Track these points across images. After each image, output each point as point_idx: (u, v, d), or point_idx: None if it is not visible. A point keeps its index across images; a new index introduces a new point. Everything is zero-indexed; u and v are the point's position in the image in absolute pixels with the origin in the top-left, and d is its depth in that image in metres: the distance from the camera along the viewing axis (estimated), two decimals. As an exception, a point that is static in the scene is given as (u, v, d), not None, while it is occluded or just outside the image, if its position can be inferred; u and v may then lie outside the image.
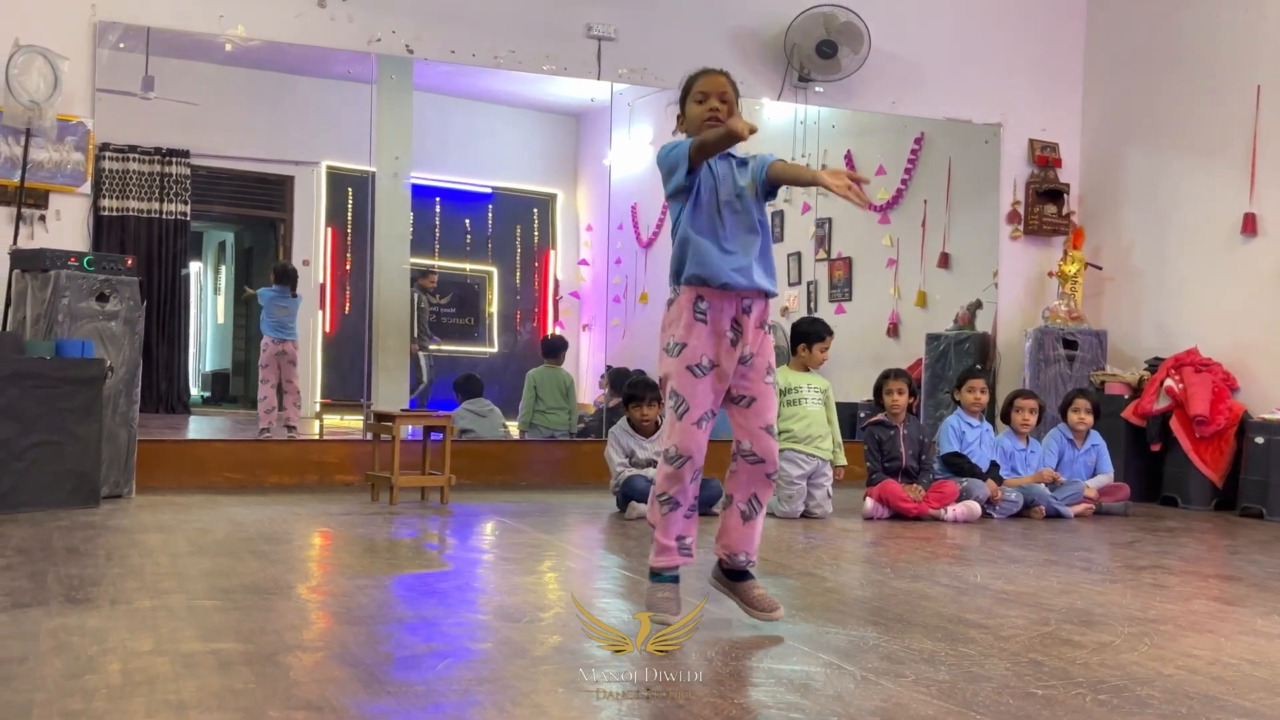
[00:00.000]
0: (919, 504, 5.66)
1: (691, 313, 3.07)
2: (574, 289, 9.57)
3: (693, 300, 3.07)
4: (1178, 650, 3.03)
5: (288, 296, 7.65)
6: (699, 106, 3.18)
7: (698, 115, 3.18)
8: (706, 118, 3.15)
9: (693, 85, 3.23)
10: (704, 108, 3.17)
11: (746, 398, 3.12)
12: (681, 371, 3.06)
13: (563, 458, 7.30)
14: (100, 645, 2.73)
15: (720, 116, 3.14)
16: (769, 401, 3.14)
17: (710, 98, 3.17)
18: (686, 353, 3.06)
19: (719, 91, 3.18)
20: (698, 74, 3.25)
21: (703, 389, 3.05)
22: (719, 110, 3.15)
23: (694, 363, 3.05)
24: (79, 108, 5.99)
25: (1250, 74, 6.97)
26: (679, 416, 3.05)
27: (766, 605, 3.15)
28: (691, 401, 3.04)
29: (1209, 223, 7.23)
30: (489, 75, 7.27)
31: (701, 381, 3.05)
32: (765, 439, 3.11)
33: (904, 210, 8.51)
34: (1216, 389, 6.68)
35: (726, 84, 3.21)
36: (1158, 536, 5.46)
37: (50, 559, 3.88)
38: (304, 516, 5.22)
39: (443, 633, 3.02)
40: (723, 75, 3.23)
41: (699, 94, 3.19)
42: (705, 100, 3.18)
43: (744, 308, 3.09)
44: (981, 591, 3.82)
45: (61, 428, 5.06)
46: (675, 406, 3.06)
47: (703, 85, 3.20)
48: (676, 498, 3.08)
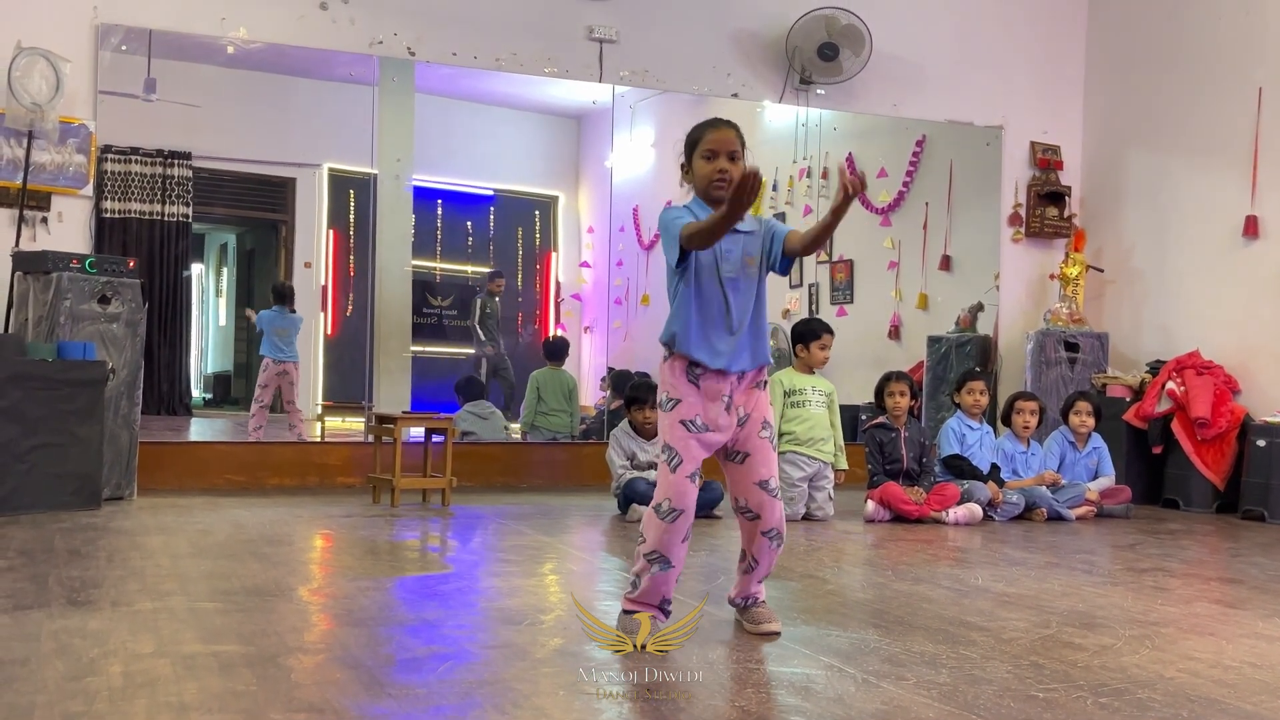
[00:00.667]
0: (920, 506, 5.66)
1: (685, 378, 3.00)
2: (576, 291, 9.58)
3: (686, 366, 3.01)
4: (1179, 653, 3.03)
5: (286, 315, 7.68)
6: (707, 165, 3.02)
7: (706, 175, 3.02)
8: (715, 179, 3.00)
9: (700, 138, 3.05)
10: (712, 167, 3.01)
11: (741, 453, 3.05)
12: (675, 425, 2.99)
13: (564, 460, 7.30)
14: (102, 647, 2.73)
15: (729, 178, 2.96)
16: (763, 456, 3.05)
17: (719, 157, 3.01)
18: (680, 409, 2.99)
19: (728, 149, 3.01)
20: (705, 126, 3.07)
21: (695, 445, 2.98)
22: (728, 171, 2.98)
23: (687, 418, 2.99)
24: (81, 110, 5.99)
25: (1251, 76, 6.97)
26: (672, 469, 2.97)
27: (760, 619, 3.11)
28: (684, 455, 2.97)
29: (1210, 225, 7.23)
30: (490, 77, 7.28)
31: (694, 437, 2.98)
32: (760, 495, 3.04)
33: (905, 212, 8.51)
34: (1218, 391, 6.68)
35: (735, 139, 3.03)
36: (1159, 539, 5.46)
37: (52, 561, 3.88)
38: (305, 518, 5.22)
39: (444, 635, 3.02)
40: (732, 129, 3.05)
41: (706, 150, 3.02)
42: (714, 159, 3.01)
43: (737, 378, 3.03)
44: (983, 594, 3.82)
45: (63, 430, 5.07)
46: (669, 459, 2.98)
47: (711, 141, 3.03)
48: (669, 557, 2.98)
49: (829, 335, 5.88)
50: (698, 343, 2.99)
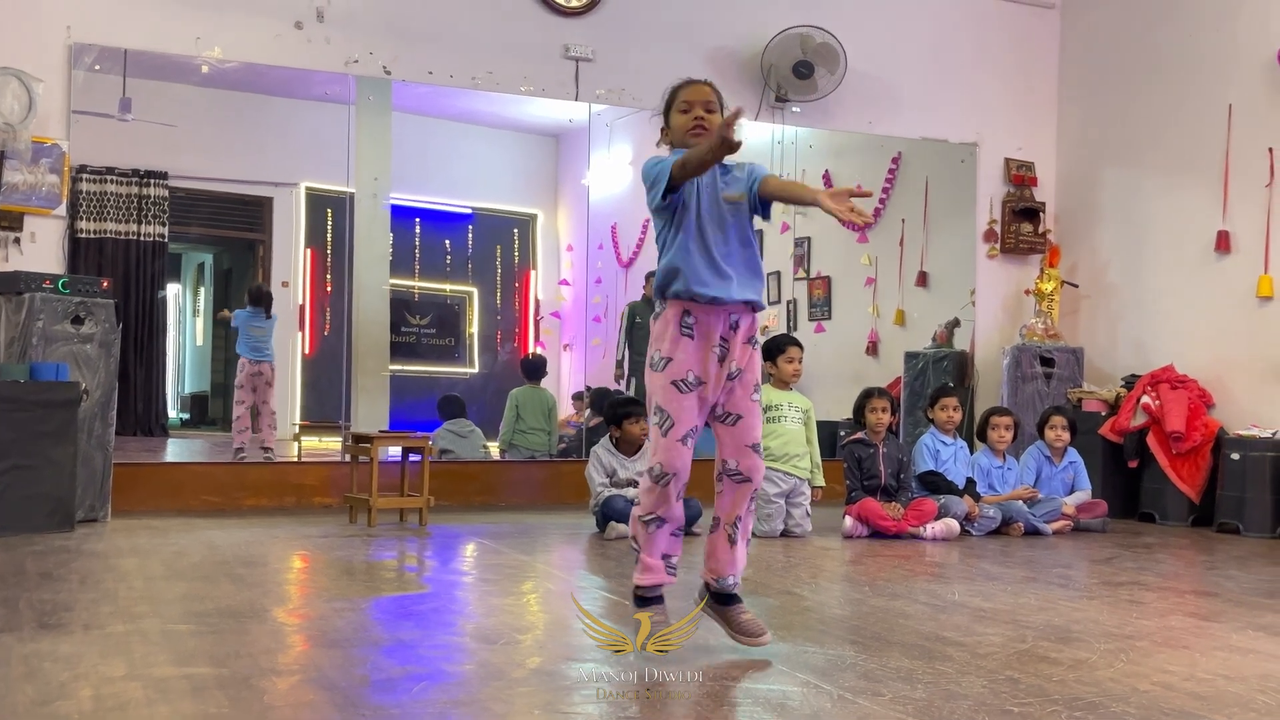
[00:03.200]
0: (898, 522, 5.67)
1: (678, 327, 3.01)
2: (555, 309, 9.58)
3: (679, 315, 3.02)
4: (1153, 666, 3.04)
5: (262, 318, 7.72)
6: (683, 116, 3.12)
7: (682, 125, 3.12)
8: (691, 128, 3.09)
9: (676, 95, 3.16)
10: (688, 118, 3.11)
11: (733, 415, 3.07)
12: (667, 387, 3.00)
13: (543, 478, 7.28)
14: (72, 671, 2.70)
15: (706, 126, 3.08)
16: (755, 419, 3.08)
17: (695, 107, 3.11)
18: (672, 368, 3.01)
19: (704, 100, 3.11)
20: (681, 84, 3.18)
21: (688, 405, 3.00)
22: (704, 120, 3.09)
23: (679, 378, 3.00)
24: (54, 130, 5.97)
25: (1222, 93, 7.04)
26: (664, 433, 2.99)
27: (753, 630, 3.09)
28: (677, 418, 2.99)
29: (1183, 240, 7.29)
30: (468, 96, 7.29)
31: (687, 397, 3.00)
32: (752, 457, 3.07)
33: (882, 229, 8.56)
34: (1192, 405, 6.73)
35: (711, 93, 3.14)
36: (1135, 553, 5.48)
37: (23, 584, 3.84)
38: (281, 539, 5.19)
39: (420, 655, 3.01)
40: (707, 85, 3.15)
41: (683, 104, 3.12)
42: (690, 110, 3.11)
43: (731, 323, 3.04)
44: (959, 609, 3.82)
45: (36, 452, 5.03)
46: (660, 423, 3.00)
47: (687, 95, 3.14)
48: (663, 515, 3.03)
49: (796, 349, 5.88)
50: (688, 275, 3.00)
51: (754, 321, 3.10)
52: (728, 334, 3.03)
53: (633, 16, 7.20)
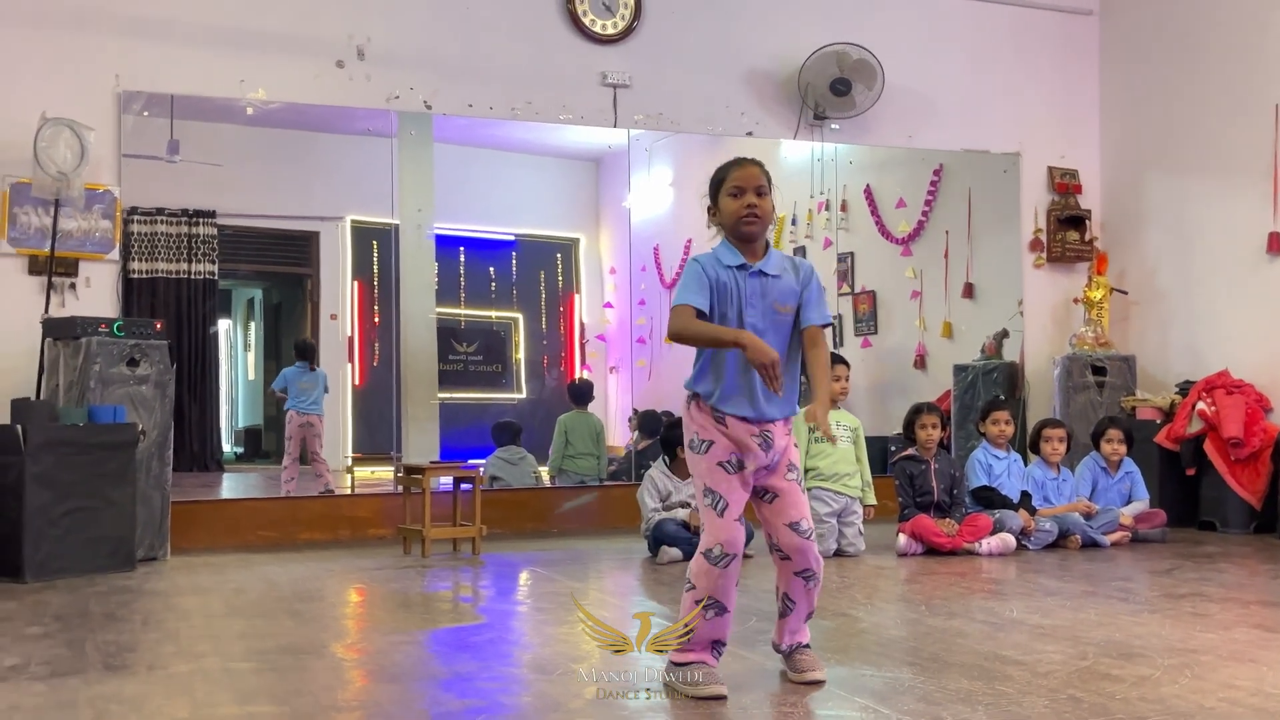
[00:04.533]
0: (953, 539, 5.62)
1: (712, 419, 2.98)
2: (600, 332, 9.61)
3: (711, 411, 2.99)
4: (1219, 681, 2.99)
5: (308, 371, 7.86)
6: (734, 202, 3.01)
7: (734, 212, 3.01)
8: (744, 215, 2.99)
9: (725, 177, 3.05)
10: (740, 204, 3.00)
11: (770, 493, 3.01)
12: (714, 469, 2.95)
13: (593, 503, 7.29)
14: (138, 713, 2.74)
15: (759, 214, 3.00)
16: (793, 499, 3.00)
17: (747, 192, 3.00)
18: (715, 450, 2.96)
19: (755, 185, 3.01)
20: (729, 166, 3.07)
21: (736, 484, 2.95)
22: (756, 207, 2.99)
23: (724, 459, 2.95)
24: (106, 176, 6.09)
25: (1268, 92, 6.95)
26: (719, 514, 2.91)
27: (802, 667, 3.03)
28: (729, 498, 2.92)
29: (1234, 243, 7.18)
30: (508, 125, 7.34)
31: (734, 478, 2.95)
32: (791, 536, 2.98)
33: (926, 242, 8.51)
34: (1250, 410, 6.62)
35: (761, 175, 3.04)
36: (1196, 563, 5.40)
37: (88, 625, 3.91)
38: (337, 573, 5.24)
39: (477, 688, 3.02)
40: (757, 166, 3.06)
41: (733, 187, 3.01)
42: (741, 195, 3.00)
43: (767, 434, 2.98)
44: (1018, 627, 3.78)
45: (96, 493, 5.11)
46: (714, 504, 2.92)
47: (738, 178, 3.03)
48: (724, 602, 2.92)
49: (842, 366, 5.86)
50: (726, 396, 2.96)
51: (787, 420, 3.04)
52: (769, 434, 2.98)
53: (668, 42, 7.23)
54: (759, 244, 3.04)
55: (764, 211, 3.00)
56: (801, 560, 2.99)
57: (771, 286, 3.01)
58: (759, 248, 3.04)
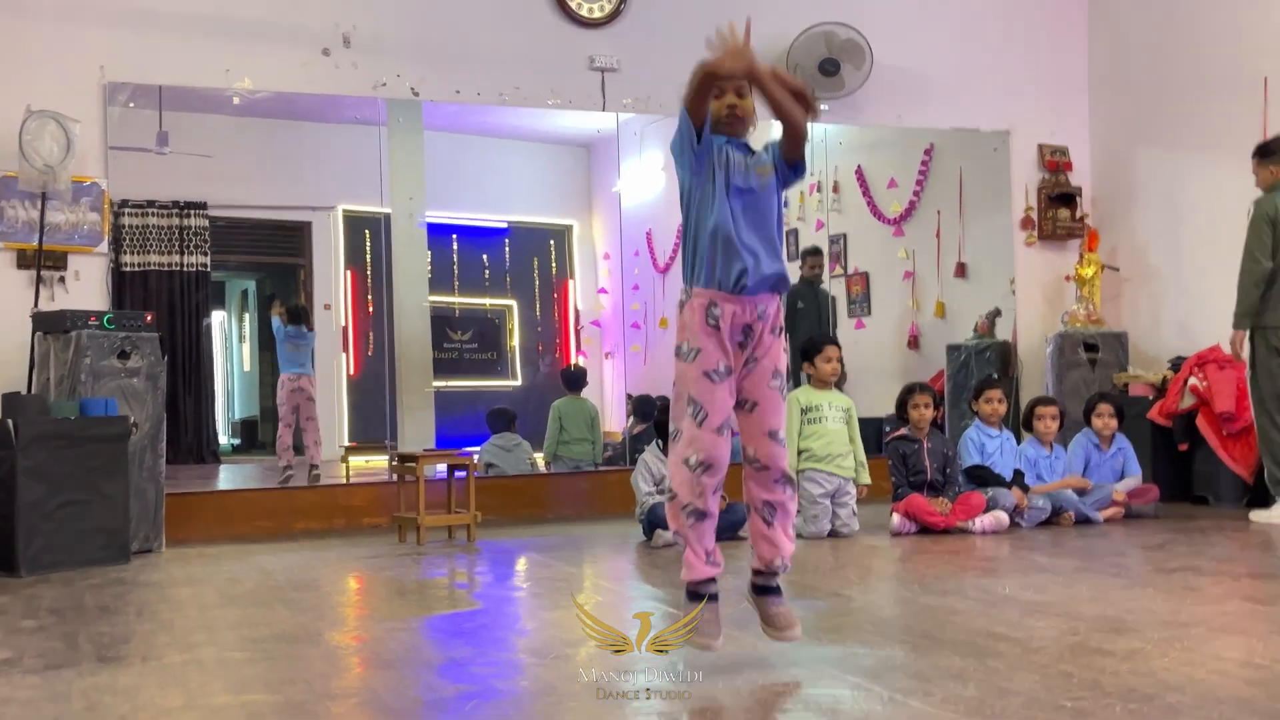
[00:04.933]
0: (946, 517, 5.63)
1: (704, 318, 2.95)
2: (595, 318, 9.60)
3: (705, 305, 2.94)
4: (1209, 653, 3.00)
5: (302, 333, 7.79)
6: (715, 101, 3.02)
7: (715, 111, 3.03)
8: (725, 114, 3.03)
9: None
10: (721, 103, 3.03)
11: (749, 401, 3.00)
12: (699, 377, 2.93)
13: (589, 488, 7.30)
14: (131, 703, 2.75)
15: (740, 113, 3.03)
16: (772, 405, 3.00)
17: (727, 93, 3.02)
18: (703, 358, 2.94)
19: (735, 85, 3.02)
20: None
21: (721, 394, 2.93)
22: (736, 106, 3.02)
23: (710, 368, 2.93)
24: (93, 168, 6.07)
25: (1257, 65, 6.94)
26: (699, 424, 2.91)
27: (781, 624, 3.03)
28: (710, 408, 2.91)
29: (1224, 217, 7.16)
30: (497, 111, 7.33)
31: (719, 387, 2.93)
32: (769, 444, 2.98)
33: (918, 222, 8.51)
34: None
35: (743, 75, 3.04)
36: (1189, 537, 5.42)
37: (82, 618, 3.91)
38: (332, 561, 5.25)
39: (472, 674, 3.03)
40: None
41: (715, 89, 3.01)
42: (722, 96, 3.02)
43: (759, 313, 2.97)
44: (1011, 603, 3.79)
45: (89, 486, 5.11)
46: (695, 414, 2.91)
47: None
48: (703, 507, 2.93)
49: (833, 348, 5.86)
50: (714, 261, 2.94)
51: (779, 311, 3.04)
52: (754, 322, 2.97)
53: (655, 24, 7.21)
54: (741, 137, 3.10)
55: (745, 110, 3.04)
56: (777, 467, 2.99)
57: (751, 157, 3.05)
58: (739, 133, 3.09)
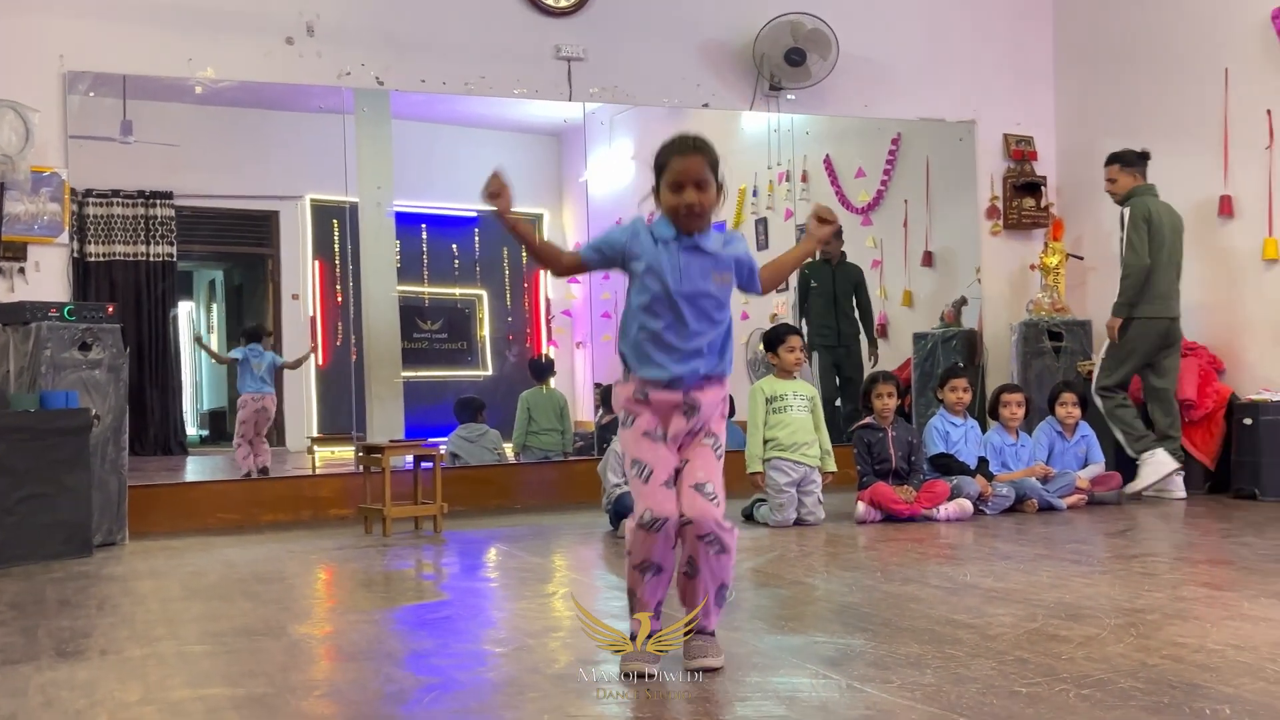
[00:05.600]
0: (910, 505, 5.67)
1: (634, 399, 2.92)
2: (565, 308, 9.59)
3: (637, 387, 2.91)
4: (1163, 639, 3.04)
5: (259, 352, 7.70)
6: (673, 196, 2.83)
7: (671, 206, 2.84)
8: (683, 211, 2.83)
9: (666, 164, 2.86)
10: (678, 200, 2.82)
11: (683, 459, 2.94)
12: (639, 438, 2.90)
13: (557, 478, 7.31)
14: (89, 698, 2.73)
15: (698, 210, 2.83)
16: (702, 460, 2.91)
17: (686, 189, 2.82)
18: (640, 423, 2.90)
19: (695, 179, 2.81)
20: (671, 151, 2.86)
21: (662, 451, 2.89)
22: (695, 204, 2.82)
23: (649, 429, 2.90)
24: (53, 158, 6.01)
25: (1218, 57, 7.00)
26: (644, 481, 2.85)
27: (695, 652, 2.86)
28: (654, 465, 2.87)
29: (1186, 206, 7.21)
30: (466, 100, 7.30)
31: (660, 445, 2.89)
32: (694, 497, 2.86)
33: (885, 211, 8.54)
34: (1203, 372, 6.70)
35: (703, 166, 2.83)
36: (1151, 524, 5.48)
37: (42, 612, 3.88)
38: (297, 554, 5.23)
39: (433, 665, 3.03)
40: (699, 155, 2.83)
41: (673, 180, 2.83)
42: (680, 191, 2.82)
43: (695, 402, 2.89)
44: (971, 591, 3.83)
45: (51, 479, 5.07)
46: (640, 473, 2.87)
47: (677, 170, 2.83)
48: (661, 564, 2.86)
49: (796, 337, 5.87)
50: (651, 359, 2.88)
51: (722, 387, 2.96)
52: (693, 400, 2.91)
53: (621, 13, 7.20)
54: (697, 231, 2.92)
55: (704, 206, 2.84)
56: (704, 524, 2.83)
57: (708, 259, 2.90)
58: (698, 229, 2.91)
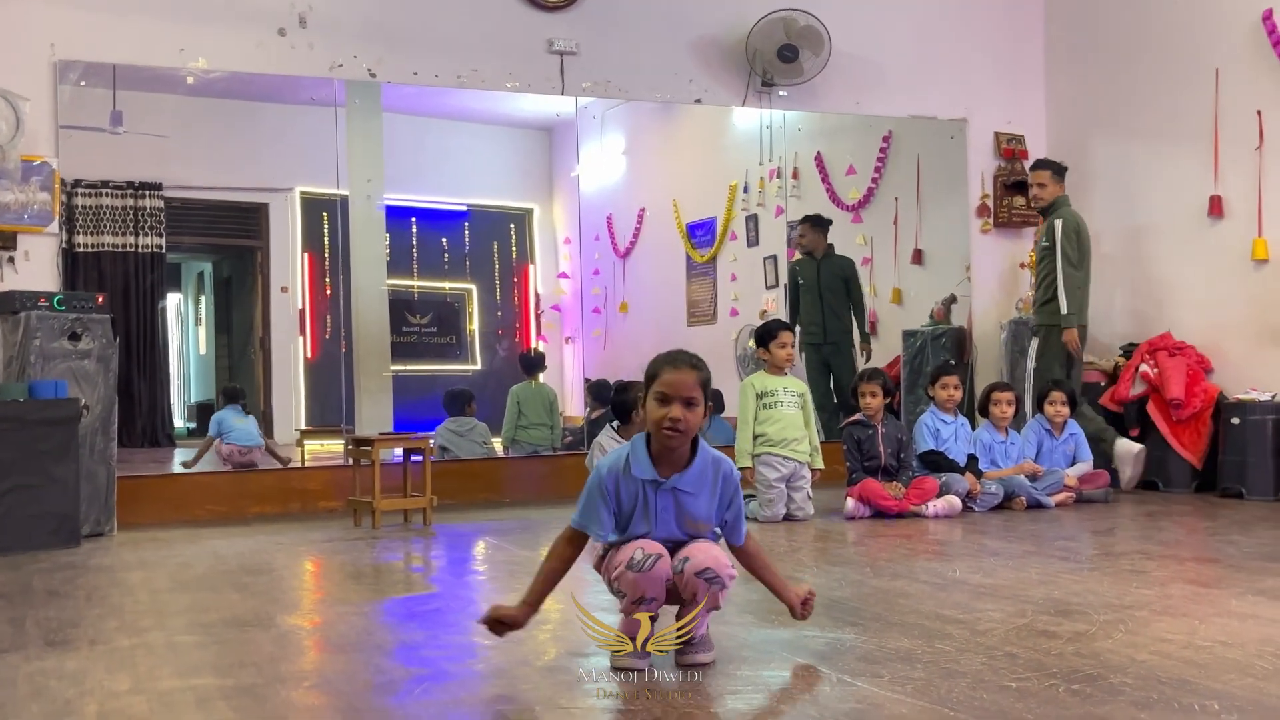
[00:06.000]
0: (899, 501, 5.68)
1: None
2: (555, 302, 9.59)
3: None
4: (1152, 636, 3.05)
5: (241, 412, 7.53)
6: (659, 408, 2.76)
7: (655, 419, 2.77)
8: (665, 427, 2.75)
9: (658, 374, 2.79)
10: (663, 413, 2.75)
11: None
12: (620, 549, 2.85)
13: (545, 473, 7.30)
14: (78, 688, 2.73)
15: (682, 429, 2.75)
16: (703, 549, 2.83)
17: (673, 403, 2.75)
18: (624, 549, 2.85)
19: (685, 395, 2.75)
20: (664, 363, 2.81)
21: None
22: (680, 421, 2.74)
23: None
24: (43, 147, 5.98)
25: (1209, 57, 7.02)
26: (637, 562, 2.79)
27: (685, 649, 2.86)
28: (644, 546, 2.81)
29: (1176, 206, 7.27)
30: (457, 94, 7.29)
31: None
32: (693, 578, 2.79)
33: (876, 208, 8.56)
34: (1191, 372, 6.73)
35: (694, 384, 2.76)
36: (1138, 522, 5.50)
37: (30, 602, 3.87)
38: (286, 546, 5.22)
39: (424, 657, 3.03)
40: (692, 372, 2.78)
41: (659, 393, 2.76)
42: (666, 404, 2.75)
43: None
44: (960, 586, 3.84)
45: (39, 469, 5.06)
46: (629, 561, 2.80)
47: (666, 383, 2.76)
48: (657, 597, 2.81)
49: (788, 333, 5.88)
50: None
51: None
52: None
53: (615, 8, 7.19)
54: (679, 453, 2.82)
55: (689, 425, 2.76)
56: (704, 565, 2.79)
57: (686, 503, 2.83)
58: (679, 457, 2.82)
